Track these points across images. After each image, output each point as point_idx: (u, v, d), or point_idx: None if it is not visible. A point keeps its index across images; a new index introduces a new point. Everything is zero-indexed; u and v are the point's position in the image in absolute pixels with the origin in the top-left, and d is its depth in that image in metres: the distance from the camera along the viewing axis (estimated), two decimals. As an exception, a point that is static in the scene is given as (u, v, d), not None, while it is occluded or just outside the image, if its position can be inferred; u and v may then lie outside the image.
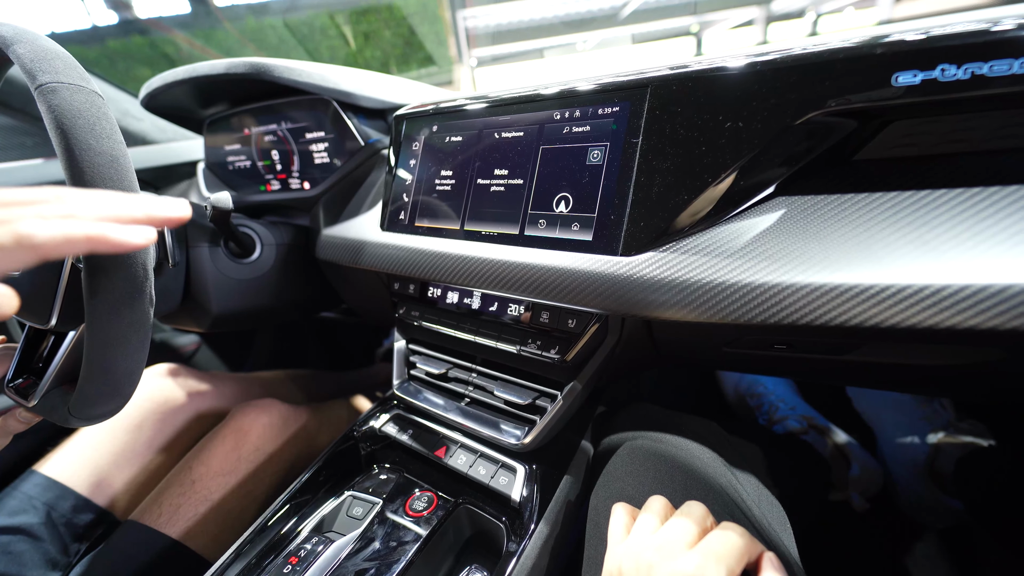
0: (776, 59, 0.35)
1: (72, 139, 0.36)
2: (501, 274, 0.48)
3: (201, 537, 0.58)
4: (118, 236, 0.28)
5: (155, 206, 0.31)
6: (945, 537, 0.73)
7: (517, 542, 0.45)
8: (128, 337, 0.40)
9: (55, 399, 0.44)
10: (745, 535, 0.32)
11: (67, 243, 0.27)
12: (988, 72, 0.29)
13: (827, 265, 0.32)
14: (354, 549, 0.47)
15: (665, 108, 0.40)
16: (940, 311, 0.28)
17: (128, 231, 0.29)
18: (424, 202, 0.57)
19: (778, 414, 0.82)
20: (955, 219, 0.30)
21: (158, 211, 0.31)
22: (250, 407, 0.70)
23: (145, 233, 0.29)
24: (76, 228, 0.27)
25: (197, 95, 0.78)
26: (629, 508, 0.38)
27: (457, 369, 0.60)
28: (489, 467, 0.52)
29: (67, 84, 0.37)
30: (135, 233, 0.29)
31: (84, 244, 0.27)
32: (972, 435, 0.72)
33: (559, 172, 0.46)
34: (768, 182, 0.37)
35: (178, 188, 1.04)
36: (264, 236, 0.71)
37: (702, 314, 0.36)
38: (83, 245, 0.27)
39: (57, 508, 0.60)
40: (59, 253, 0.27)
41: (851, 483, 0.76)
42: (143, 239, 0.29)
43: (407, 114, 0.62)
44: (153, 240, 0.31)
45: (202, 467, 0.62)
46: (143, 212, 0.30)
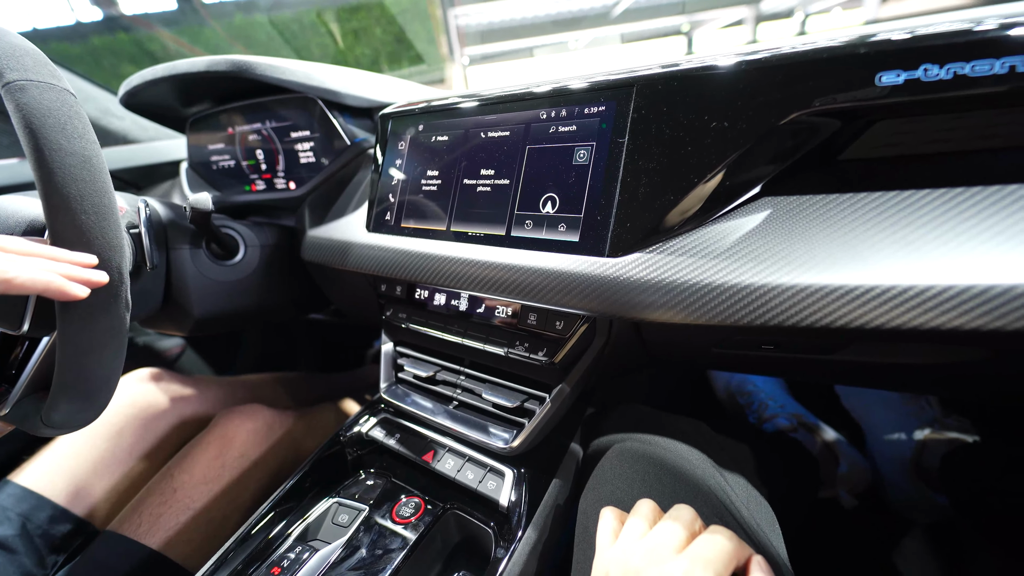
0: (761, 59, 0.35)
1: (41, 139, 0.35)
2: (487, 276, 0.47)
3: (182, 547, 0.57)
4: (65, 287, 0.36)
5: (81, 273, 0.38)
6: (932, 532, 0.73)
7: (505, 548, 0.44)
8: (103, 343, 0.39)
9: (28, 407, 0.43)
10: (733, 538, 0.32)
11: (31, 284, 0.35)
12: (970, 72, 0.29)
13: (812, 266, 0.32)
14: (339, 557, 0.47)
15: (651, 107, 0.40)
16: (924, 312, 0.28)
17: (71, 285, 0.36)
18: (410, 202, 0.56)
19: (768, 412, 0.83)
20: (939, 219, 0.30)
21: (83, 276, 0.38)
22: (234, 413, 0.69)
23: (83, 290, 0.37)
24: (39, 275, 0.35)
25: (178, 93, 0.77)
26: (617, 512, 0.38)
27: (445, 372, 0.59)
28: (477, 471, 0.51)
29: (36, 82, 0.36)
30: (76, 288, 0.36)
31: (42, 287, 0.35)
32: (958, 431, 0.73)
33: (545, 172, 0.45)
34: (754, 182, 0.37)
35: (161, 188, 1.02)
36: (248, 237, 0.69)
37: (689, 315, 0.36)
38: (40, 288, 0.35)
39: (33, 519, 0.58)
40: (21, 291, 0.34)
41: (839, 480, 0.76)
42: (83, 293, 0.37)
43: (393, 113, 0.61)
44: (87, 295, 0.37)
45: (184, 475, 0.61)
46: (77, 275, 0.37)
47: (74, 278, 0.38)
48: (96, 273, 0.39)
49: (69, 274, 0.37)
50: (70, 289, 0.36)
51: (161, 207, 0.61)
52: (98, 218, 0.37)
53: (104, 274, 0.39)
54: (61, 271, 0.37)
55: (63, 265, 0.37)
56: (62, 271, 0.37)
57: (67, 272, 0.37)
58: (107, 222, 0.38)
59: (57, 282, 0.36)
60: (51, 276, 0.36)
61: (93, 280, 0.39)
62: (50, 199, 0.35)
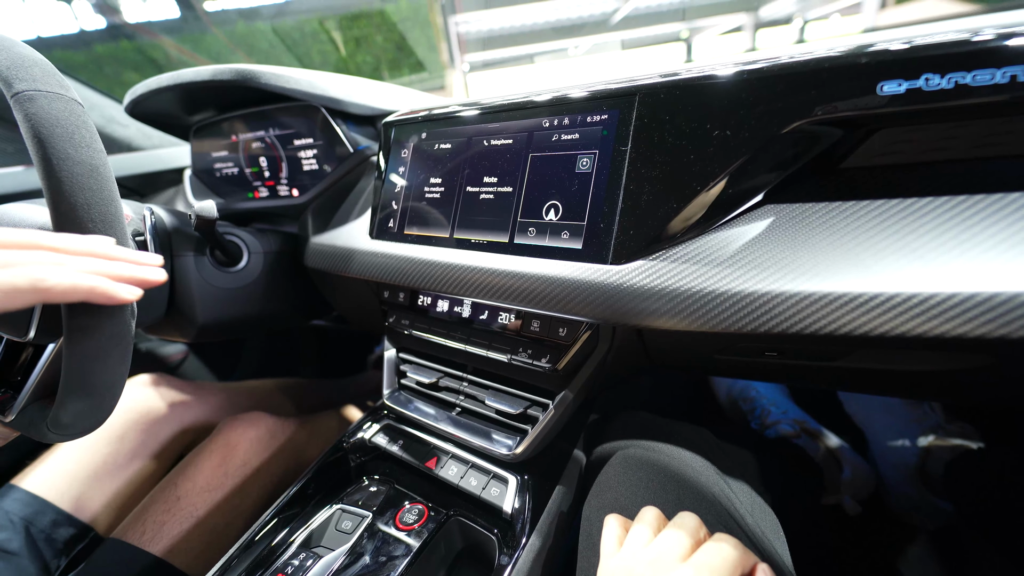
0: (763, 68, 0.35)
1: (50, 149, 0.35)
2: (491, 283, 0.47)
3: (186, 555, 0.57)
4: (113, 291, 0.33)
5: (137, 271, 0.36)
6: (936, 538, 0.73)
7: (509, 555, 0.44)
8: (109, 350, 0.39)
9: (33, 414, 0.43)
10: (739, 546, 0.32)
11: (72, 292, 0.31)
12: (971, 82, 0.29)
13: (816, 273, 0.32)
14: (343, 564, 0.46)
15: (653, 116, 0.40)
16: (929, 319, 0.28)
17: (119, 288, 0.33)
18: (413, 210, 0.57)
19: (770, 418, 0.82)
20: (942, 226, 0.30)
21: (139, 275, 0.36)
22: (237, 421, 0.69)
23: (134, 291, 0.34)
24: (80, 280, 0.31)
25: (183, 102, 0.77)
26: (622, 520, 0.38)
27: (448, 378, 0.59)
28: (481, 478, 0.51)
29: (45, 92, 0.37)
30: (125, 290, 0.34)
31: (84, 294, 0.32)
32: (961, 437, 0.73)
33: (548, 180, 0.46)
34: (756, 190, 0.37)
35: (164, 195, 1.03)
36: (251, 244, 0.70)
37: (692, 323, 0.36)
38: (81, 295, 0.31)
39: (36, 523, 0.59)
40: (62, 299, 0.31)
41: (843, 486, 0.76)
42: (133, 296, 0.34)
43: (396, 121, 0.61)
44: (139, 297, 0.35)
45: (188, 483, 0.61)
46: (129, 274, 0.35)
47: (123, 278, 0.34)
48: (151, 271, 0.36)
49: (115, 273, 0.34)
50: (119, 293, 0.33)
51: (166, 214, 0.61)
52: (105, 226, 0.38)
53: (163, 272, 0.37)
54: (105, 270, 0.33)
55: (105, 263, 0.34)
56: (106, 270, 0.33)
57: (112, 271, 0.33)
58: (114, 230, 0.38)
59: (103, 287, 0.32)
60: (94, 280, 0.32)
61: (149, 280, 0.35)
62: (58, 208, 0.36)
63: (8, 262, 0.30)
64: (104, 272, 0.33)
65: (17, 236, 0.32)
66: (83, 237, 0.35)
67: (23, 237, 0.32)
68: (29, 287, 0.29)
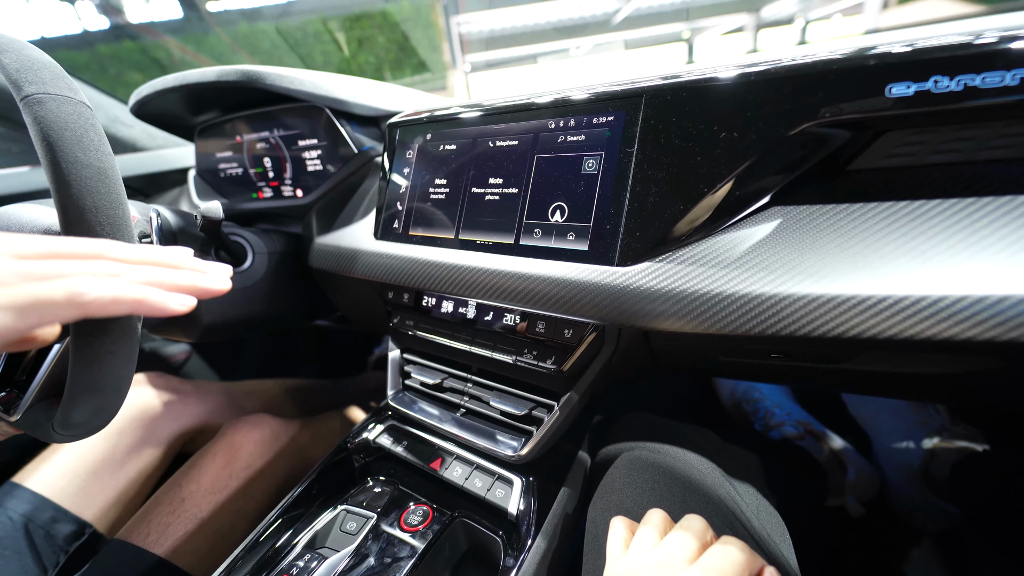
0: (770, 69, 0.35)
1: (59, 151, 0.35)
2: (496, 284, 0.47)
3: (191, 556, 0.57)
4: (162, 302, 0.29)
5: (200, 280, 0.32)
6: (941, 541, 0.73)
7: (514, 556, 0.44)
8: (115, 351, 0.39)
9: (39, 414, 0.43)
10: (746, 549, 0.32)
11: (114, 304, 0.28)
12: (981, 84, 0.29)
13: (824, 276, 0.32)
14: (348, 565, 0.46)
15: (660, 117, 0.40)
16: (937, 322, 0.28)
17: (170, 298, 0.30)
18: (418, 210, 0.57)
19: (774, 420, 0.82)
20: (951, 229, 0.30)
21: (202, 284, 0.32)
22: (241, 423, 0.69)
23: (187, 302, 0.31)
24: (124, 291, 0.28)
25: (188, 102, 0.78)
26: (628, 522, 0.38)
27: (452, 379, 0.59)
28: (485, 479, 0.51)
29: (54, 95, 0.37)
30: (177, 301, 0.30)
31: (129, 307, 0.28)
32: (966, 440, 0.73)
33: (554, 181, 0.46)
34: (763, 192, 0.37)
35: (169, 195, 1.03)
36: (256, 244, 0.70)
37: (699, 325, 0.36)
38: (127, 307, 0.28)
39: (35, 520, 0.59)
40: (103, 313, 0.28)
41: (847, 488, 0.76)
42: (184, 308, 0.30)
43: (401, 122, 0.61)
44: (192, 308, 0.31)
45: (192, 484, 0.61)
46: (188, 283, 0.32)
47: (180, 287, 0.31)
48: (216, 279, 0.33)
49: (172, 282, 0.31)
50: (168, 304, 0.30)
51: (171, 216, 0.61)
52: (113, 229, 0.38)
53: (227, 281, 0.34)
54: (161, 279, 0.30)
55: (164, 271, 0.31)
56: (162, 279, 0.31)
57: (170, 280, 0.31)
58: (121, 233, 0.38)
59: (151, 298, 0.29)
60: (141, 292, 0.29)
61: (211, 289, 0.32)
62: (67, 211, 0.36)
63: (47, 273, 0.27)
64: (160, 281, 0.31)
65: (73, 244, 0.29)
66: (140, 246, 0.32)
67: (80, 245, 0.30)
68: (65, 300, 0.26)
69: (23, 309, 0.26)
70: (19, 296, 0.26)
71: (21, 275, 0.26)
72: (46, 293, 0.26)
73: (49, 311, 0.26)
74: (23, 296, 0.26)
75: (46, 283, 0.26)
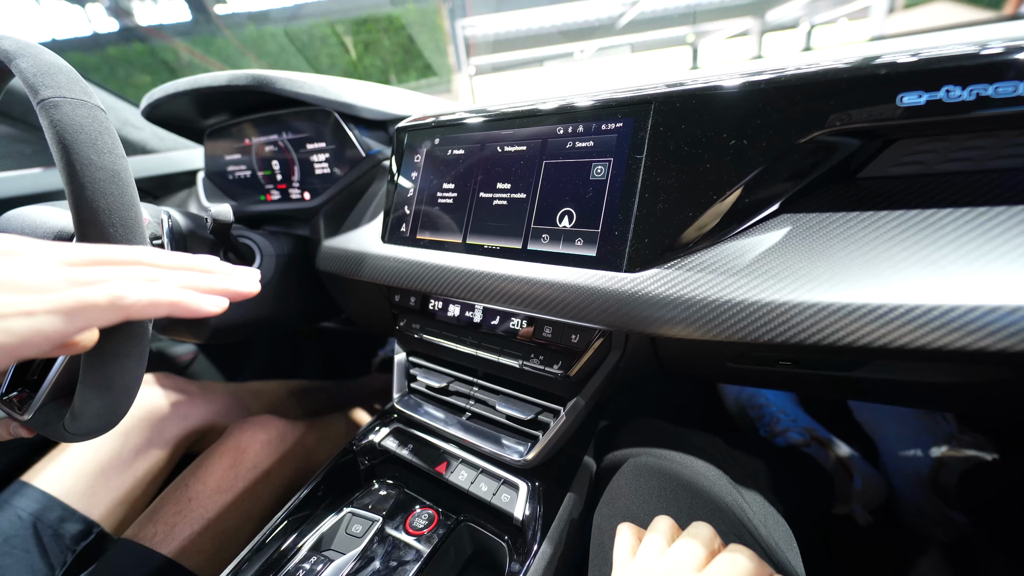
0: (780, 77, 0.35)
1: (74, 154, 0.36)
2: (503, 289, 0.47)
3: (197, 556, 0.57)
4: (197, 304, 0.31)
5: (231, 283, 0.35)
6: (949, 550, 0.72)
7: (520, 562, 0.44)
8: (126, 352, 0.39)
9: (49, 414, 0.44)
10: (753, 558, 0.31)
11: (152, 307, 0.29)
12: (993, 93, 0.29)
13: (833, 284, 0.32)
14: (353, 568, 0.46)
15: (669, 124, 0.40)
16: (949, 332, 0.28)
17: (204, 300, 0.32)
18: (425, 214, 0.57)
19: (779, 426, 0.82)
20: (962, 238, 0.30)
21: (233, 287, 0.35)
22: (247, 424, 0.69)
23: (220, 303, 0.32)
24: (161, 294, 0.30)
25: (198, 106, 0.78)
26: (635, 528, 0.38)
27: (458, 383, 0.59)
28: (491, 484, 0.51)
29: (69, 99, 0.37)
30: (212, 302, 0.32)
31: (167, 309, 0.30)
32: (975, 448, 0.72)
33: (562, 187, 0.46)
34: (773, 199, 0.37)
35: (178, 197, 1.04)
36: (264, 247, 0.70)
37: (707, 332, 0.36)
38: (165, 309, 0.30)
39: (43, 519, 0.60)
40: (143, 315, 0.29)
41: (854, 496, 0.75)
42: (217, 308, 0.32)
43: (409, 126, 0.62)
44: (225, 309, 0.33)
45: (199, 485, 0.61)
46: (221, 286, 0.34)
47: (213, 289, 0.33)
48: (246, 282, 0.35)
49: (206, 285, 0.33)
50: (203, 306, 0.31)
51: (181, 218, 0.62)
52: (125, 231, 0.38)
53: (256, 284, 0.36)
54: (196, 283, 0.32)
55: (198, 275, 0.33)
56: (197, 282, 0.32)
57: (203, 283, 0.33)
58: (134, 235, 0.39)
59: (187, 300, 0.31)
60: (178, 295, 0.30)
61: (242, 292, 0.34)
62: (81, 213, 0.36)
63: (91, 279, 0.29)
64: (195, 285, 0.32)
65: (114, 251, 0.31)
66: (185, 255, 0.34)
67: (121, 252, 0.32)
68: (108, 304, 0.28)
69: (70, 313, 0.27)
70: (67, 300, 0.27)
71: (68, 281, 0.28)
72: (91, 297, 0.28)
73: (93, 315, 0.28)
74: (70, 300, 0.27)
75: (90, 288, 0.28)
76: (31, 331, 0.26)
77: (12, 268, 0.27)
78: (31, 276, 0.27)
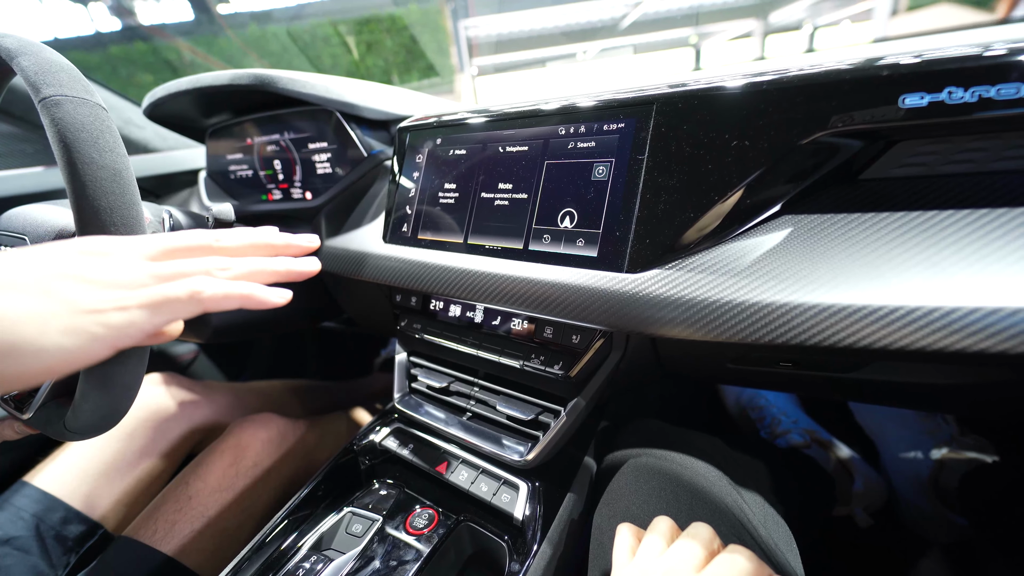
0: (783, 79, 0.35)
1: (75, 152, 0.36)
2: (505, 289, 0.47)
3: (197, 554, 0.57)
4: (264, 296, 0.33)
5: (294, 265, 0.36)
6: (950, 552, 0.72)
7: (520, 562, 0.44)
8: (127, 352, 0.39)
9: (51, 413, 0.44)
10: (753, 559, 0.31)
11: (225, 300, 0.31)
12: (995, 95, 0.29)
13: (835, 285, 0.32)
14: (353, 568, 0.47)
15: (671, 125, 0.40)
16: (950, 334, 0.28)
17: (271, 293, 0.33)
18: (427, 214, 0.57)
19: (780, 428, 0.82)
20: (964, 240, 0.30)
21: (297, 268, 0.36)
22: (248, 422, 0.69)
23: (285, 295, 0.34)
24: (233, 289, 0.32)
25: (200, 105, 0.78)
26: (634, 529, 0.38)
27: (459, 383, 0.59)
28: (491, 484, 0.51)
29: (71, 97, 0.37)
30: (277, 295, 0.33)
31: (238, 302, 0.32)
32: (976, 450, 0.72)
33: (564, 187, 0.46)
34: (774, 200, 0.37)
35: (179, 196, 1.04)
36: (265, 246, 0.70)
37: (708, 333, 0.36)
38: (237, 302, 0.32)
39: (46, 520, 0.59)
40: (217, 307, 0.31)
41: (855, 498, 0.75)
42: (283, 300, 0.34)
43: (411, 126, 0.62)
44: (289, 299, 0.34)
45: (199, 483, 0.62)
46: (285, 269, 0.36)
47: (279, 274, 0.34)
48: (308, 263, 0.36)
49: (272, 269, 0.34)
50: (270, 299, 0.33)
51: (183, 217, 0.62)
52: (127, 230, 0.38)
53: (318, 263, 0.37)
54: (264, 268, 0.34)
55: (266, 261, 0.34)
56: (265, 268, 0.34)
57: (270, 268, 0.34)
58: (134, 234, 0.39)
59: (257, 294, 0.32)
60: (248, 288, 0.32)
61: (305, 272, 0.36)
62: (82, 211, 0.36)
63: (178, 272, 0.31)
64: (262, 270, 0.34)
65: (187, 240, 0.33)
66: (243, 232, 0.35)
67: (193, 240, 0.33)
68: (188, 298, 0.30)
69: (157, 307, 0.29)
70: (155, 296, 0.29)
71: (153, 276, 0.30)
72: (173, 293, 0.30)
73: (177, 309, 0.30)
74: (158, 296, 0.29)
75: (172, 284, 0.30)
76: (127, 323, 0.28)
77: (104, 267, 0.29)
78: (121, 274, 0.29)
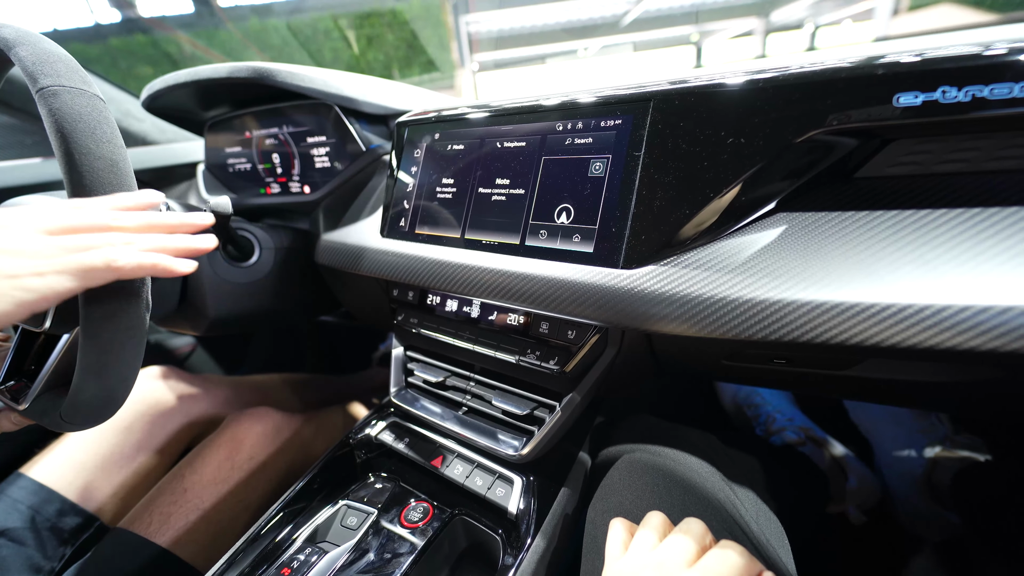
0: (778, 76, 0.35)
1: (72, 143, 0.36)
2: (501, 284, 0.47)
3: (192, 546, 0.57)
4: (171, 265, 0.36)
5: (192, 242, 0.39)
6: (942, 550, 0.73)
7: (513, 555, 0.44)
8: (123, 342, 0.39)
9: (46, 403, 0.44)
10: (744, 554, 0.32)
11: (138, 268, 0.34)
12: (989, 95, 0.29)
13: (828, 283, 0.32)
14: (348, 560, 0.47)
15: (667, 122, 0.40)
16: (940, 331, 0.28)
17: (177, 263, 0.36)
18: (425, 209, 0.57)
19: (775, 425, 0.82)
20: (956, 239, 0.30)
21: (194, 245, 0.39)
22: (244, 415, 0.69)
23: (190, 265, 0.37)
24: (143, 259, 0.35)
25: (199, 98, 0.78)
26: (627, 523, 0.38)
27: (455, 378, 0.59)
28: (486, 478, 0.51)
29: (68, 88, 0.37)
30: (183, 264, 0.37)
31: (148, 271, 0.35)
32: (969, 449, 0.72)
33: (561, 183, 0.46)
34: (769, 198, 0.37)
35: (178, 189, 1.04)
36: (263, 240, 0.70)
37: (702, 329, 0.36)
38: (147, 271, 0.35)
39: (42, 512, 0.59)
40: (131, 275, 0.35)
41: (848, 496, 0.75)
42: (189, 269, 0.37)
43: (409, 121, 0.62)
44: (195, 268, 0.38)
45: (194, 475, 0.62)
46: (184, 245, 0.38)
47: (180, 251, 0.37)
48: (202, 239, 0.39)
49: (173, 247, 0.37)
50: (177, 267, 0.36)
51: (180, 209, 0.62)
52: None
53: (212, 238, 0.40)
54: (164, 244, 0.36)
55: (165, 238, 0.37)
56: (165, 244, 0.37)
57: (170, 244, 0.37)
58: None
59: (163, 263, 0.35)
60: (155, 258, 0.35)
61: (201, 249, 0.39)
62: None
63: (85, 245, 0.33)
64: (164, 247, 0.37)
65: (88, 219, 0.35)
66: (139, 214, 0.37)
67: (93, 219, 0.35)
68: (104, 266, 0.33)
69: (74, 274, 0.32)
70: (71, 263, 0.32)
71: (62, 248, 0.32)
72: (90, 261, 0.32)
73: (94, 276, 0.33)
74: (74, 263, 0.32)
75: (88, 253, 0.33)
76: (46, 287, 0.31)
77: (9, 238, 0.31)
78: (28, 244, 0.32)
